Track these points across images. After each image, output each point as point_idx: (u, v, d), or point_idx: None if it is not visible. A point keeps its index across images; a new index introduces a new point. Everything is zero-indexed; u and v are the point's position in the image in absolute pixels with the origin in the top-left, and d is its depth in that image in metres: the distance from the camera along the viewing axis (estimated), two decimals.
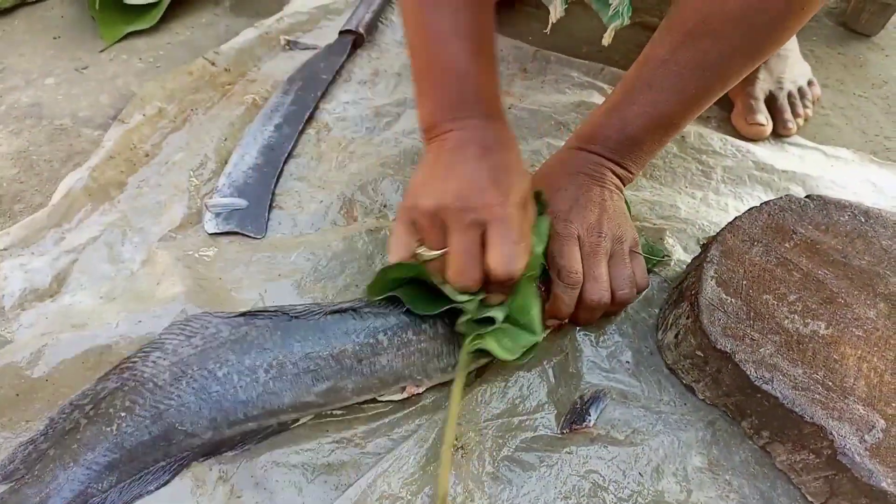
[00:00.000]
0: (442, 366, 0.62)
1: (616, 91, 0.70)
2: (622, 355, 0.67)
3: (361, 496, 0.55)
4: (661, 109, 0.67)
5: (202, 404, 0.56)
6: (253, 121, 0.90)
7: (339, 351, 0.59)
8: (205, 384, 0.56)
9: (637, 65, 0.68)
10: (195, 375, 0.57)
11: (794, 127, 0.98)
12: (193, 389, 0.56)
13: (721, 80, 0.66)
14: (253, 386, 0.57)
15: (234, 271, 0.71)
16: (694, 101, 0.67)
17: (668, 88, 0.66)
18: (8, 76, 0.99)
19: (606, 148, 0.69)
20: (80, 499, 0.53)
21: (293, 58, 1.03)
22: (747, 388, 0.56)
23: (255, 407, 0.57)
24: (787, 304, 0.61)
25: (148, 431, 0.55)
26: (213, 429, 0.56)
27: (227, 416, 0.56)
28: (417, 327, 0.61)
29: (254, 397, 0.57)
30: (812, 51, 1.17)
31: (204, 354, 0.58)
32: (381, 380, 0.60)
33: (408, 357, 0.61)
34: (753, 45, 0.63)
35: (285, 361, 0.58)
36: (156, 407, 0.55)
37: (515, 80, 1.01)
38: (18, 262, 0.71)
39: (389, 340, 0.60)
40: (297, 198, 0.82)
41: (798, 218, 0.68)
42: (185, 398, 0.56)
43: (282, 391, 0.57)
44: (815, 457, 0.54)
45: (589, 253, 0.65)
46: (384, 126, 0.92)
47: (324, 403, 0.59)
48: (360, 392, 0.60)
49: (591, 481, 0.57)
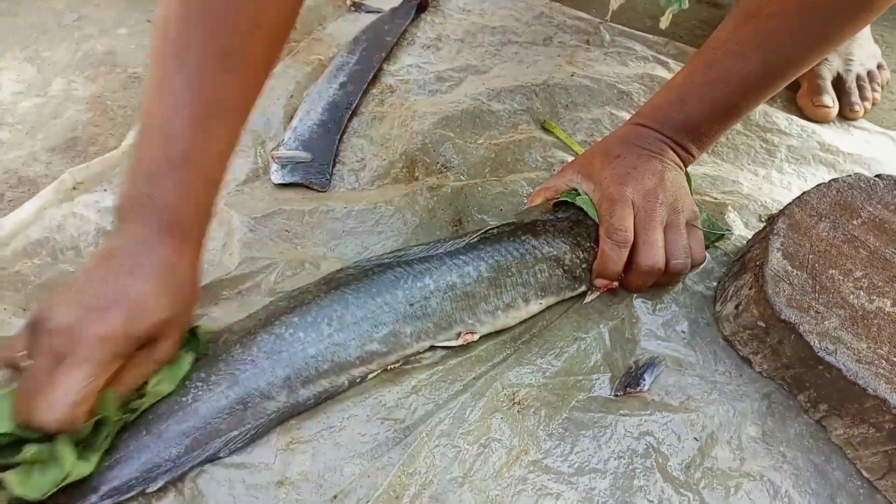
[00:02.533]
0: (490, 308, 0.63)
1: (679, 72, 0.70)
2: (678, 325, 0.67)
3: (420, 443, 0.56)
4: (721, 92, 0.66)
5: (275, 365, 0.57)
6: (318, 79, 0.91)
7: (390, 296, 0.61)
8: (275, 346, 0.58)
9: (702, 47, 0.68)
10: (265, 340, 0.58)
11: (861, 110, 0.96)
12: (265, 353, 0.58)
13: (784, 64, 0.64)
14: (319, 340, 0.59)
15: (298, 224, 0.73)
16: (754, 85, 0.66)
17: (727, 69, 0.65)
18: (84, 25, 1.01)
19: (666, 127, 0.69)
20: (151, 466, 0.53)
21: (358, 20, 1.04)
22: (809, 359, 0.56)
23: (324, 360, 0.58)
24: (853, 279, 0.60)
25: (224, 396, 0.56)
26: (288, 388, 0.57)
27: (299, 373, 0.58)
28: (461, 269, 0.63)
29: (321, 350, 0.58)
30: (882, 35, 1.14)
31: (268, 322, 0.60)
32: (435, 323, 0.61)
33: (455, 300, 0.62)
34: (819, 30, 0.62)
35: (344, 313, 0.60)
36: (231, 374, 0.57)
37: (578, 52, 1.01)
38: (93, 198, 0.73)
39: (435, 283, 0.62)
40: (360, 154, 0.83)
41: (867, 196, 0.67)
42: (259, 361, 0.57)
43: (346, 341, 0.59)
44: (876, 431, 0.54)
45: (644, 218, 0.65)
46: (446, 90, 0.93)
47: (387, 351, 0.60)
48: (418, 336, 0.61)
49: (646, 443, 0.58)
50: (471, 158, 0.82)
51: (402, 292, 0.61)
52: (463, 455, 0.56)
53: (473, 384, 0.61)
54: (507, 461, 0.56)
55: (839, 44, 0.65)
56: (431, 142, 0.83)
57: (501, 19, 1.07)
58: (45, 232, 0.70)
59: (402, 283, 0.62)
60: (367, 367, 0.60)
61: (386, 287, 0.61)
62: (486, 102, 0.89)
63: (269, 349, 0.58)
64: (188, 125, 0.53)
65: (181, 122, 0.53)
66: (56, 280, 0.67)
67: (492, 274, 0.63)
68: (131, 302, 0.50)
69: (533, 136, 0.85)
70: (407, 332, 0.61)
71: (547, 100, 0.91)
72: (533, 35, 1.04)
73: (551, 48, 1.02)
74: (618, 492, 0.55)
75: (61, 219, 0.71)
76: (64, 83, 0.92)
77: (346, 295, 0.61)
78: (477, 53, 1.00)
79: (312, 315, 0.60)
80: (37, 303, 0.62)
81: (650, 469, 0.57)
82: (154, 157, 0.53)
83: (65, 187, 0.74)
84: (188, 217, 0.55)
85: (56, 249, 0.69)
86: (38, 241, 0.69)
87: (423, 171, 0.81)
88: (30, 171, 0.80)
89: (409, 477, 0.55)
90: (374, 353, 0.60)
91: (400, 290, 0.61)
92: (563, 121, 0.89)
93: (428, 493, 0.54)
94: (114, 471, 0.52)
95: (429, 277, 0.62)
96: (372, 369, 0.60)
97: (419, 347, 0.62)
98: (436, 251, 0.64)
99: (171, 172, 0.53)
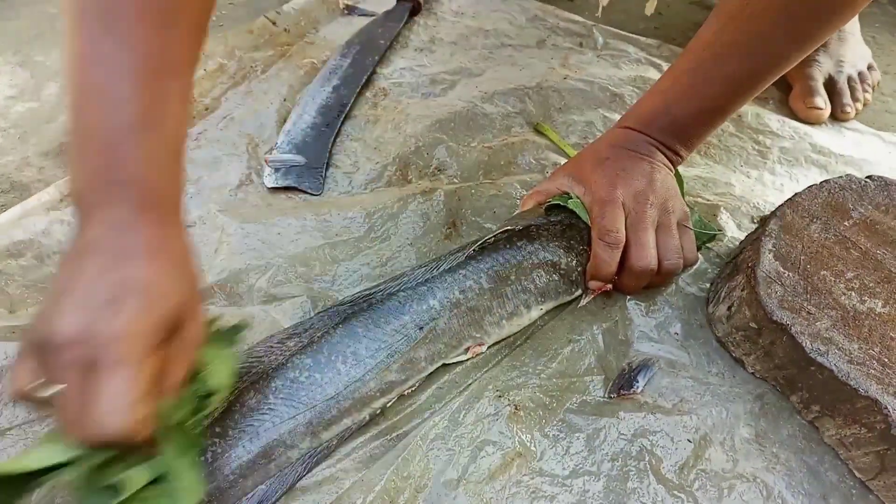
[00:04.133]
0: (495, 319, 0.63)
1: (664, 75, 0.70)
2: (672, 327, 0.67)
3: (414, 446, 0.57)
4: (705, 93, 0.67)
5: (295, 411, 0.56)
6: (311, 82, 0.91)
7: (399, 323, 0.60)
8: (291, 391, 0.56)
9: (686, 49, 0.68)
10: (280, 386, 0.57)
11: (853, 111, 0.97)
12: (282, 399, 0.56)
13: (766, 64, 0.64)
14: (337, 378, 0.57)
15: (291, 228, 0.73)
16: (739, 86, 0.66)
17: (711, 71, 0.66)
18: None
19: (653, 130, 0.69)
20: None
21: (351, 23, 1.05)
22: (801, 360, 0.57)
23: (345, 399, 0.57)
24: (845, 280, 0.61)
25: (246, 450, 0.54)
26: (311, 434, 0.56)
27: (321, 415, 0.56)
28: (462, 284, 0.63)
29: (341, 389, 0.57)
30: (874, 37, 1.15)
31: (280, 367, 0.58)
32: (445, 343, 0.61)
33: (461, 316, 0.62)
34: (800, 29, 0.62)
35: (357, 347, 0.59)
36: (250, 425, 0.55)
37: (571, 55, 1.01)
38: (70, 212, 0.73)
39: (440, 303, 0.62)
40: (353, 158, 0.83)
41: (858, 197, 0.67)
42: (277, 409, 0.56)
43: (364, 376, 0.58)
44: (868, 431, 0.54)
45: (635, 220, 0.65)
46: (439, 92, 0.93)
47: (405, 378, 0.60)
48: (431, 359, 0.61)
49: (639, 445, 0.58)
50: (464, 161, 0.82)
51: (410, 317, 0.61)
52: (457, 458, 0.56)
53: (468, 387, 0.61)
54: (502, 464, 0.56)
55: (821, 41, 0.65)
56: (425, 145, 0.83)
57: (494, 22, 1.07)
58: (30, 234, 0.70)
59: (408, 307, 0.61)
60: (387, 398, 0.59)
61: (393, 314, 0.61)
62: (479, 105, 0.89)
63: (285, 395, 0.56)
64: (133, 87, 0.46)
65: (125, 86, 0.46)
66: (42, 282, 0.66)
67: (493, 284, 0.63)
68: (140, 289, 0.44)
69: (526, 138, 0.86)
70: (421, 356, 0.60)
71: (540, 102, 0.91)
72: (526, 38, 1.04)
73: (544, 51, 1.02)
74: (612, 494, 0.55)
75: (48, 224, 0.71)
76: (57, 88, 0.92)
77: (356, 328, 0.60)
78: (470, 56, 1.00)
79: (325, 353, 0.58)
80: (20, 332, 0.59)
81: (644, 471, 0.57)
82: (103, 130, 0.46)
83: (51, 199, 0.73)
84: (159, 186, 0.48)
85: (42, 253, 0.69)
86: (22, 241, 0.69)
87: (416, 174, 0.81)
88: (22, 176, 0.80)
89: (404, 480, 0.55)
90: (393, 383, 0.59)
91: (407, 314, 0.61)
92: (556, 123, 0.89)
93: (422, 496, 0.54)
94: None
95: (433, 298, 0.62)
96: (391, 398, 0.60)
97: (433, 368, 0.62)
98: (436, 270, 0.63)
99: (127, 141, 0.46)
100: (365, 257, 0.71)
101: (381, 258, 0.71)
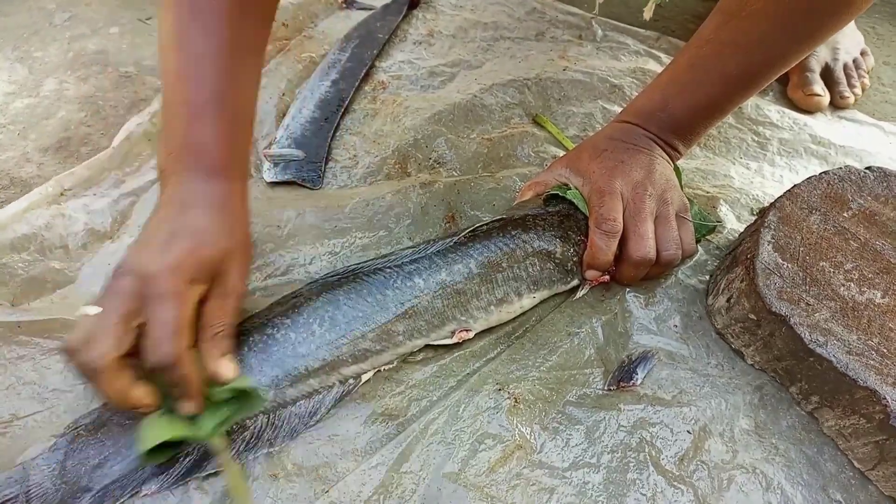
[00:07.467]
0: (482, 304, 0.63)
1: (663, 71, 0.71)
2: (671, 319, 0.67)
3: (414, 439, 0.57)
4: (703, 90, 0.67)
5: (263, 363, 0.57)
6: (310, 76, 0.91)
7: (381, 296, 0.61)
8: (265, 346, 0.58)
9: (685, 45, 0.68)
10: (256, 340, 0.58)
11: (852, 98, 0.97)
12: (255, 353, 0.57)
13: (765, 63, 0.64)
14: (310, 339, 0.58)
15: (290, 221, 0.73)
16: (736, 84, 0.66)
17: (709, 68, 0.66)
18: (75, 24, 1.01)
19: (651, 125, 0.69)
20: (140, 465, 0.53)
21: (349, 17, 1.04)
22: (800, 351, 0.57)
23: (314, 359, 0.58)
24: (844, 272, 0.61)
25: None
26: (275, 387, 0.57)
27: (288, 372, 0.57)
28: (450, 267, 0.63)
29: (312, 349, 0.58)
30: (874, 27, 1.14)
31: (260, 325, 0.59)
32: (427, 321, 0.61)
33: (446, 297, 0.62)
34: (799, 29, 0.62)
35: (335, 313, 0.60)
36: None
37: (570, 47, 1.01)
38: (82, 202, 0.73)
39: (425, 282, 0.62)
40: (353, 151, 0.83)
41: (857, 188, 0.67)
42: (247, 360, 0.57)
43: (338, 340, 0.59)
44: (866, 422, 0.54)
45: (634, 210, 0.65)
46: (438, 85, 0.93)
47: (380, 349, 0.60)
48: (410, 335, 0.61)
49: (639, 437, 0.58)
50: (463, 154, 0.82)
51: (393, 291, 0.61)
52: (457, 451, 0.56)
53: (467, 380, 0.61)
54: (501, 457, 0.56)
55: (820, 42, 0.65)
56: (424, 137, 0.83)
57: (493, 15, 1.07)
58: (33, 228, 0.70)
59: (393, 283, 0.62)
60: (360, 367, 0.60)
61: (377, 288, 0.61)
62: (478, 97, 0.89)
63: (258, 349, 0.58)
64: (214, 70, 0.56)
65: (207, 69, 0.56)
66: (44, 276, 0.67)
67: (482, 270, 0.63)
68: (190, 233, 0.53)
69: (525, 130, 0.85)
70: (399, 329, 0.60)
71: (539, 94, 0.91)
72: (525, 30, 1.04)
73: (543, 43, 1.02)
74: (611, 486, 0.55)
75: (50, 218, 0.71)
76: (56, 83, 0.92)
77: (339, 296, 0.61)
78: (469, 49, 1.00)
79: (304, 316, 0.60)
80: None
81: (644, 463, 0.57)
82: (185, 106, 0.56)
83: (52, 192, 0.73)
84: (228, 156, 0.58)
85: (44, 246, 0.69)
86: (25, 235, 0.69)
87: (415, 166, 0.81)
88: (22, 171, 0.80)
89: (404, 473, 0.55)
90: (367, 351, 0.60)
91: (390, 290, 0.61)
92: (555, 115, 0.89)
93: (422, 489, 0.54)
94: (104, 469, 0.53)
95: (419, 277, 0.62)
96: (365, 369, 0.60)
97: (413, 346, 0.62)
98: (425, 252, 0.64)
99: (204, 115, 0.56)
100: (364, 251, 0.71)
101: (380, 251, 0.71)
